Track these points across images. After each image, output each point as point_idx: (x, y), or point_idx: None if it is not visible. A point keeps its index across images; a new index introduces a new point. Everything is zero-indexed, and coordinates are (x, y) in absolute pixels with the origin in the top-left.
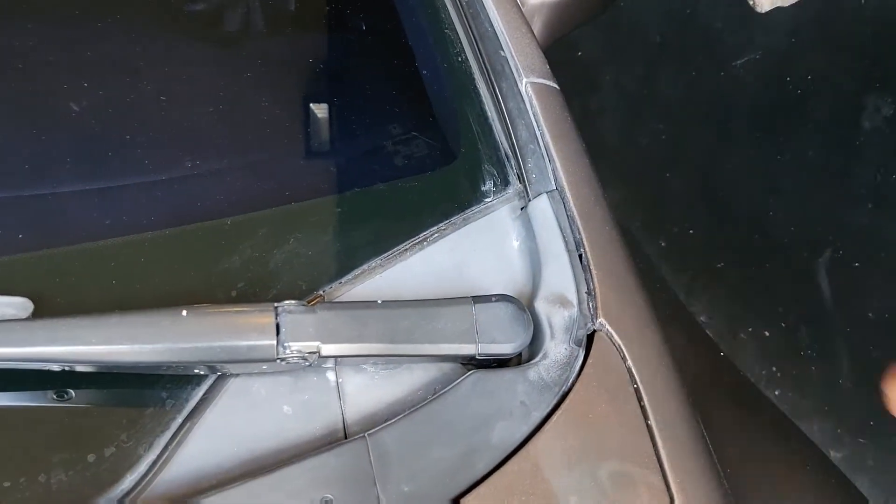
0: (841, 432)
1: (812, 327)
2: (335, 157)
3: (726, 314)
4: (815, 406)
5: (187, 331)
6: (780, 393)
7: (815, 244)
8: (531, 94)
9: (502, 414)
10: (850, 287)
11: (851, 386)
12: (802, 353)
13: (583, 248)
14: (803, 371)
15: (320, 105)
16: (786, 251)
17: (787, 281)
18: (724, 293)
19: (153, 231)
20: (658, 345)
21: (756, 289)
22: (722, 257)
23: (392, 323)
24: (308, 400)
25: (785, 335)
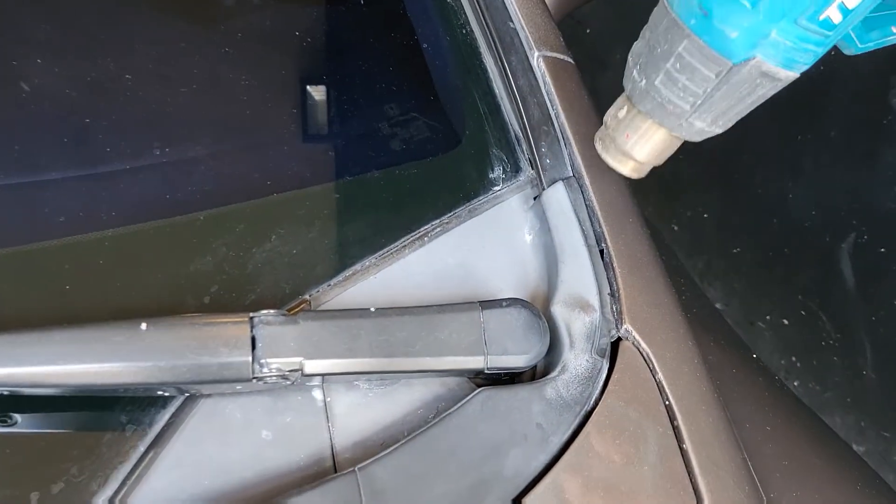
0: (864, 425)
1: (834, 316)
2: (324, 142)
3: (743, 302)
4: (837, 398)
5: (147, 347)
6: (799, 384)
7: (838, 228)
8: (544, 69)
9: (515, 439)
10: (874, 273)
11: (876, 377)
12: (824, 343)
13: (604, 242)
14: (825, 362)
15: (307, 84)
16: (806, 235)
17: (808, 267)
18: (741, 280)
19: (112, 228)
20: (691, 353)
21: (774, 275)
22: (738, 242)
23: (387, 334)
24: (291, 423)
25: (805, 324)
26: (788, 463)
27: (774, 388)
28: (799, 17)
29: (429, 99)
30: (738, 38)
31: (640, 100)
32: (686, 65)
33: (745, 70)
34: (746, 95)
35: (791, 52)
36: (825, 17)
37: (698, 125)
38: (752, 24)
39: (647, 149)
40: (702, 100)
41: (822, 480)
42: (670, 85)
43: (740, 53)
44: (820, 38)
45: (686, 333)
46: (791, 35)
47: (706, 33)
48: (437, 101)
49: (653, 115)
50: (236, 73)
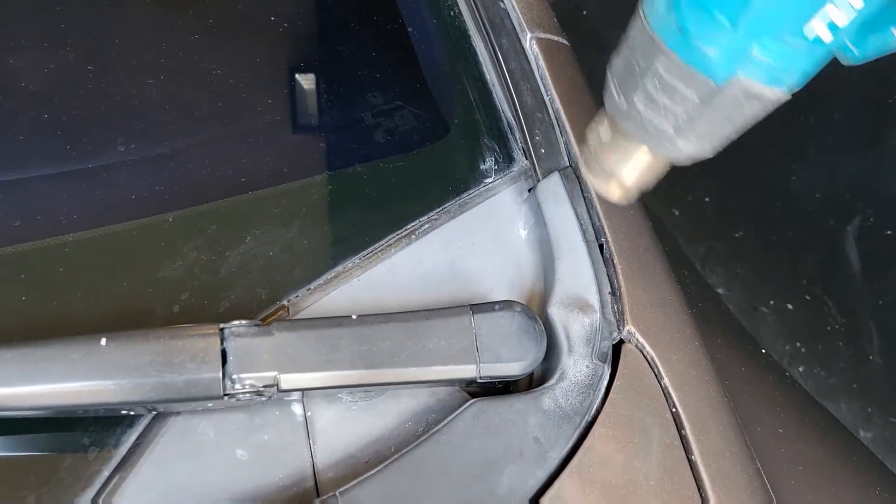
0: (871, 411)
1: (839, 300)
2: (302, 135)
3: (745, 287)
4: (842, 384)
5: (107, 364)
6: (804, 370)
7: (843, 211)
8: (537, 51)
9: (511, 455)
10: (880, 257)
11: (882, 362)
12: (829, 328)
13: (604, 237)
14: (830, 347)
15: (284, 72)
16: (810, 219)
17: (812, 251)
18: (743, 265)
19: (73, 233)
20: (698, 355)
21: (778, 260)
22: (740, 226)
23: (370, 343)
24: (268, 441)
25: (810, 309)
26: (802, 467)
27: (784, 385)
28: (782, 32)
29: (415, 86)
30: (717, 57)
31: (622, 119)
32: (666, 84)
33: (728, 90)
34: (733, 116)
35: (776, 70)
36: (812, 33)
37: (682, 146)
38: (732, 41)
39: (631, 171)
40: (684, 121)
41: (837, 484)
42: (651, 105)
43: (721, 72)
44: (808, 54)
45: (693, 333)
46: (774, 52)
47: (684, 51)
48: (423, 87)
49: (635, 135)
50: (207, 63)
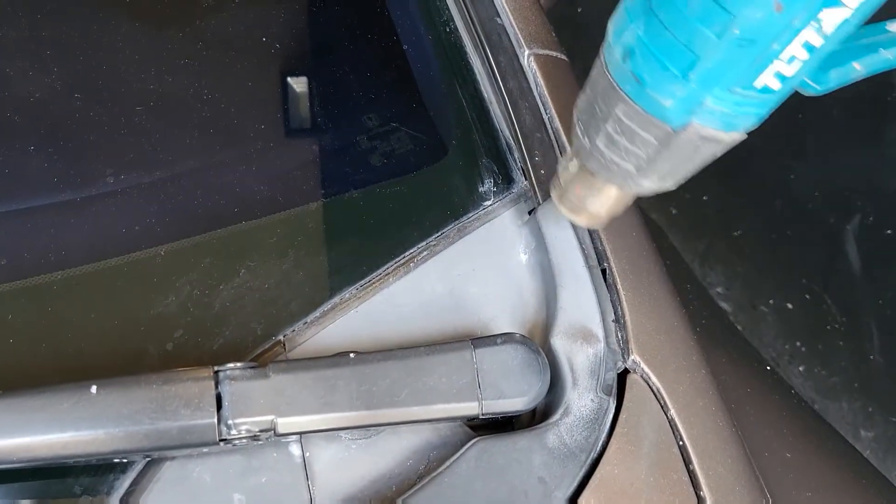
0: (872, 410)
1: (839, 299)
2: (297, 161)
3: (745, 285)
4: (843, 383)
5: (98, 413)
6: (805, 369)
7: (843, 209)
8: (535, 68)
9: (515, 497)
10: (880, 255)
11: (883, 361)
12: (829, 327)
13: (607, 261)
14: (830, 346)
15: (276, 93)
16: (810, 217)
17: (812, 249)
18: (743, 263)
19: (62, 269)
20: (705, 384)
21: (777, 258)
22: (739, 225)
23: (369, 383)
24: (266, 484)
25: (809, 307)
26: (812, 494)
27: (791, 405)
28: (733, 85)
29: (411, 106)
30: (672, 106)
31: (586, 159)
32: (625, 128)
33: (685, 135)
34: (692, 157)
35: (730, 118)
36: (762, 84)
37: (646, 184)
38: (685, 93)
39: (600, 203)
40: (645, 162)
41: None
42: (612, 146)
43: (677, 119)
44: (760, 101)
45: (699, 360)
46: (727, 102)
47: (641, 99)
48: (420, 108)
49: (600, 174)
50: (197, 89)
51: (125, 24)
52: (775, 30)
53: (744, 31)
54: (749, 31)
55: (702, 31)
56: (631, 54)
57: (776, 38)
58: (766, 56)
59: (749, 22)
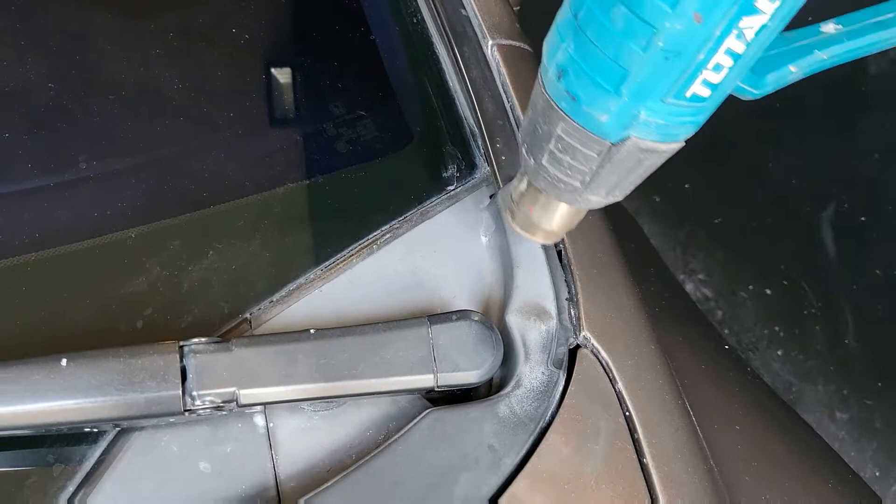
0: (847, 393)
1: (815, 285)
2: (264, 147)
3: (725, 272)
4: (819, 366)
5: (68, 384)
6: (782, 353)
7: (819, 197)
8: (498, 58)
9: (466, 463)
10: (855, 242)
11: (857, 345)
12: (806, 312)
13: (562, 243)
14: (807, 330)
15: (244, 83)
16: (787, 205)
17: (789, 236)
18: (723, 250)
19: (35, 251)
20: (653, 359)
21: (756, 245)
22: (720, 212)
23: (328, 356)
24: (231, 453)
25: (787, 293)
26: (758, 464)
27: (745, 381)
28: (664, 96)
29: (378, 94)
30: (608, 121)
31: (534, 178)
32: (567, 146)
33: (625, 148)
34: (634, 169)
35: (666, 128)
36: (692, 94)
37: (594, 199)
38: (619, 107)
39: (552, 220)
40: (590, 177)
41: (792, 479)
42: (556, 164)
43: (615, 133)
44: (694, 110)
45: (649, 337)
46: (661, 113)
47: (578, 116)
48: (386, 96)
49: (548, 191)
50: (168, 78)
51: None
52: (698, 40)
53: (667, 44)
54: (673, 43)
55: (628, 45)
56: (564, 73)
57: (700, 48)
58: (693, 66)
59: (672, 34)
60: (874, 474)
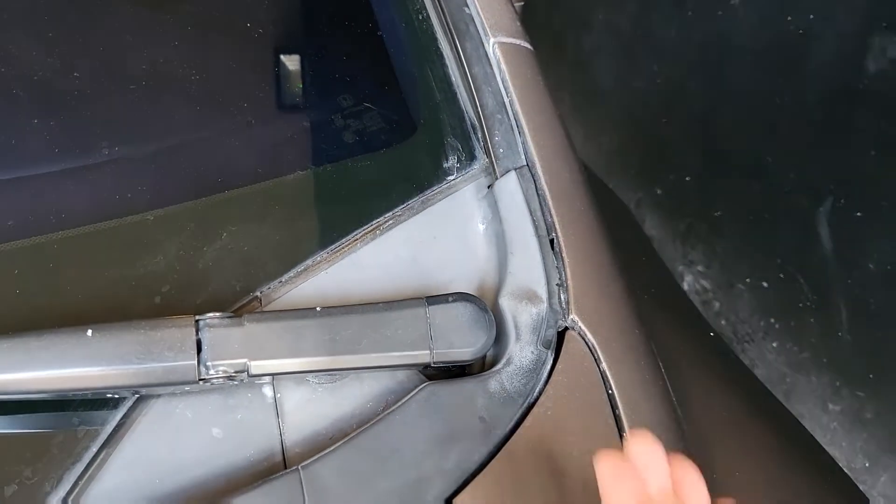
0: (839, 385)
1: (811, 278)
2: (276, 136)
3: (724, 264)
4: (813, 358)
5: (93, 353)
6: (778, 345)
7: (816, 192)
8: (499, 55)
9: (459, 434)
10: (850, 237)
11: (850, 338)
12: (801, 305)
13: (555, 232)
14: (802, 323)
15: (257, 76)
16: (785, 199)
17: (786, 230)
18: (722, 242)
19: (62, 230)
20: (637, 342)
21: (754, 238)
22: (719, 205)
23: (332, 333)
24: (241, 420)
25: (783, 286)
26: (735, 443)
27: (728, 366)
28: None
29: (384, 88)
30: None
31: None
32: None
33: None
34: None
35: None
36: None
37: None
38: None
39: None
40: None
41: (767, 460)
42: None
43: None
44: None
45: (634, 321)
46: None
47: None
48: (392, 89)
49: None
50: (185, 69)
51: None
52: None
53: None
54: None
55: None
56: None
57: None
58: None
59: None
60: (864, 465)
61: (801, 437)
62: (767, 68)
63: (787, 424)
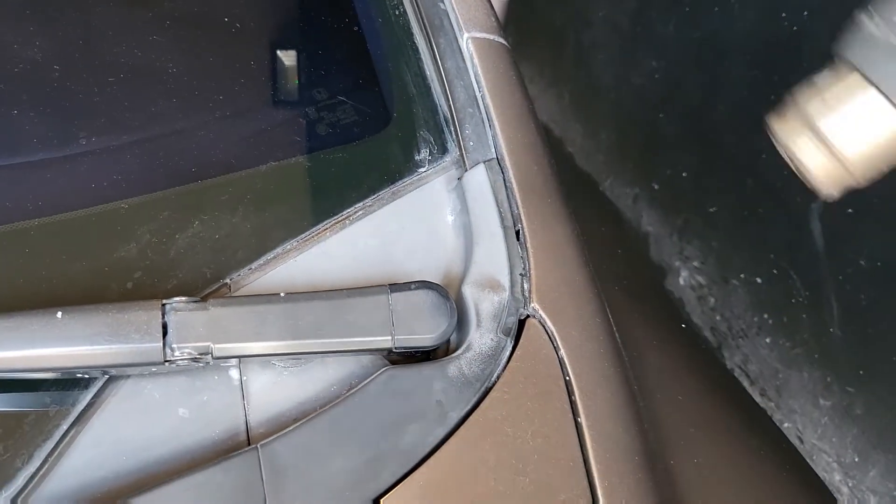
0: (830, 381)
1: (803, 274)
2: (249, 127)
3: (719, 259)
4: (805, 354)
5: (62, 334)
6: (770, 340)
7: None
8: (472, 50)
9: (416, 415)
10: (842, 234)
11: (841, 334)
12: (793, 301)
13: (521, 223)
14: (794, 319)
15: (232, 67)
16: (779, 196)
17: (780, 226)
18: (718, 238)
19: (39, 218)
20: (597, 330)
21: (748, 234)
22: (715, 201)
23: (295, 318)
24: (207, 401)
25: (776, 282)
26: (695, 430)
27: (696, 357)
28: None
29: (359, 81)
30: None
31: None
32: None
33: None
34: None
35: None
36: None
37: None
38: None
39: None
40: None
41: (727, 445)
42: None
43: None
44: None
45: (595, 311)
46: None
47: None
48: (367, 82)
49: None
50: (162, 62)
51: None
52: None
53: None
54: None
55: None
56: None
57: None
58: None
59: None
60: (854, 460)
61: (770, 432)
62: (763, 64)
63: (757, 419)
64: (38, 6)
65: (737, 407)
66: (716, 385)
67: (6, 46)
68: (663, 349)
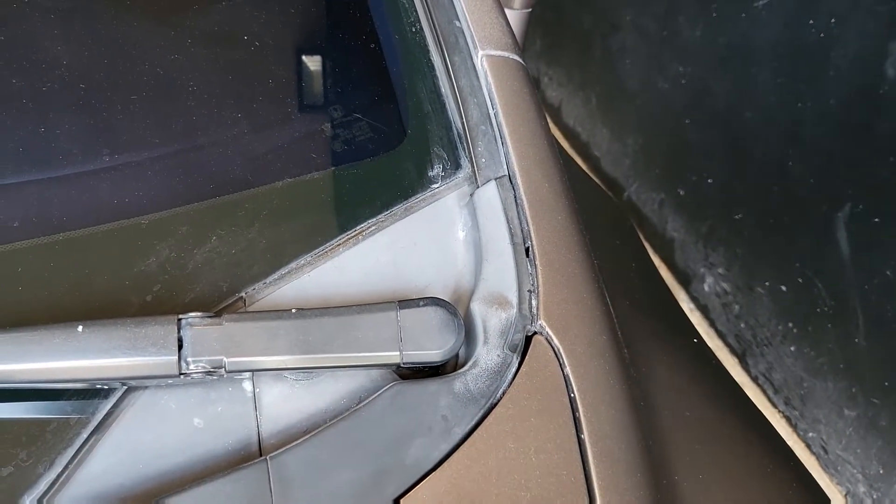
0: (855, 391)
1: (829, 283)
2: (267, 145)
3: (744, 267)
4: (830, 364)
5: (82, 347)
6: (795, 349)
7: (835, 197)
8: (486, 68)
9: (421, 430)
10: (868, 243)
11: (866, 344)
12: (819, 310)
13: (530, 240)
14: (819, 328)
15: (247, 85)
16: (804, 204)
17: (806, 235)
18: (743, 245)
19: (62, 232)
20: (604, 348)
21: (773, 242)
22: (740, 208)
23: (305, 333)
24: (221, 412)
25: (801, 291)
26: (700, 446)
27: (707, 372)
28: None
29: (375, 98)
30: None
31: None
32: None
33: None
34: None
35: None
36: None
37: None
38: None
39: None
40: None
41: (733, 462)
42: None
43: None
44: None
45: (602, 328)
46: None
47: None
48: (383, 100)
49: None
50: (178, 77)
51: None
52: None
53: None
54: None
55: None
56: None
57: None
58: None
59: None
60: (879, 471)
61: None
62: (789, 72)
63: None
64: (61, 24)
65: (746, 423)
66: (725, 401)
67: (31, 64)
68: (673, 364)
